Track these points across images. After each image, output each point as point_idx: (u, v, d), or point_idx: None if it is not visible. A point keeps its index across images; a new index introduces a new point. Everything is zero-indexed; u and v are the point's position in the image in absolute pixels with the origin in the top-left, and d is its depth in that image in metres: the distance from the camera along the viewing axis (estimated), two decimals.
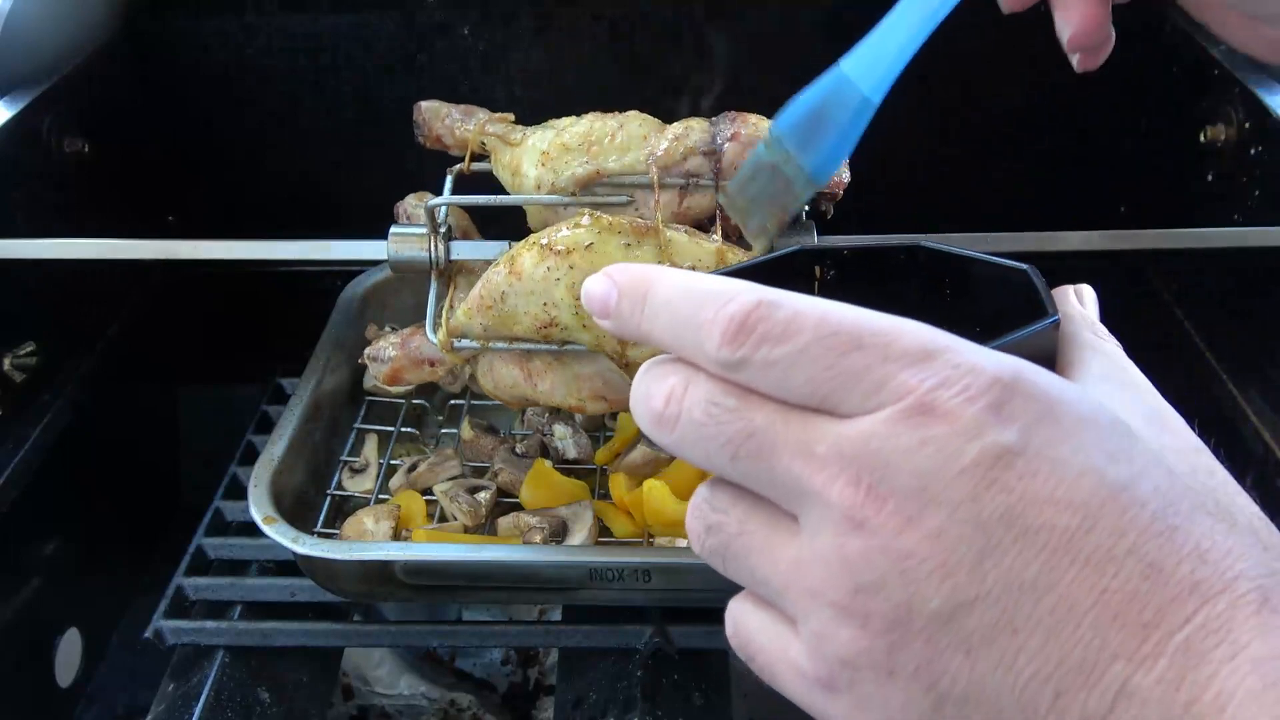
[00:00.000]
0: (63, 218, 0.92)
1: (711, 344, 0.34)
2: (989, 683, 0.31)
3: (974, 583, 0.31)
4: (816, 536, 0.33)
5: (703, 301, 0.35)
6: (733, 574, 0.37)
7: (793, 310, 0.34)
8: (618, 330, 0.39)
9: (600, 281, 0.39)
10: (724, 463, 0.35)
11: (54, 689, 0.88)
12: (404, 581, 0.78)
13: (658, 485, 0.80)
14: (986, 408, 0.32)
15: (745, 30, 1.05)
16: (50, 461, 0.87)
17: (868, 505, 0.32)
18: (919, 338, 0.33)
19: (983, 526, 0.31)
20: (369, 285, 1.02)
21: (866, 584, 0.32)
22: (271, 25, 1.06)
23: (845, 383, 0.33)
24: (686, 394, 0.35)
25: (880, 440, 0.32)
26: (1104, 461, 0.32)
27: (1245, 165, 0.89)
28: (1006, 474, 0.31)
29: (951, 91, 1.08)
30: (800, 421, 0.34)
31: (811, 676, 0.35)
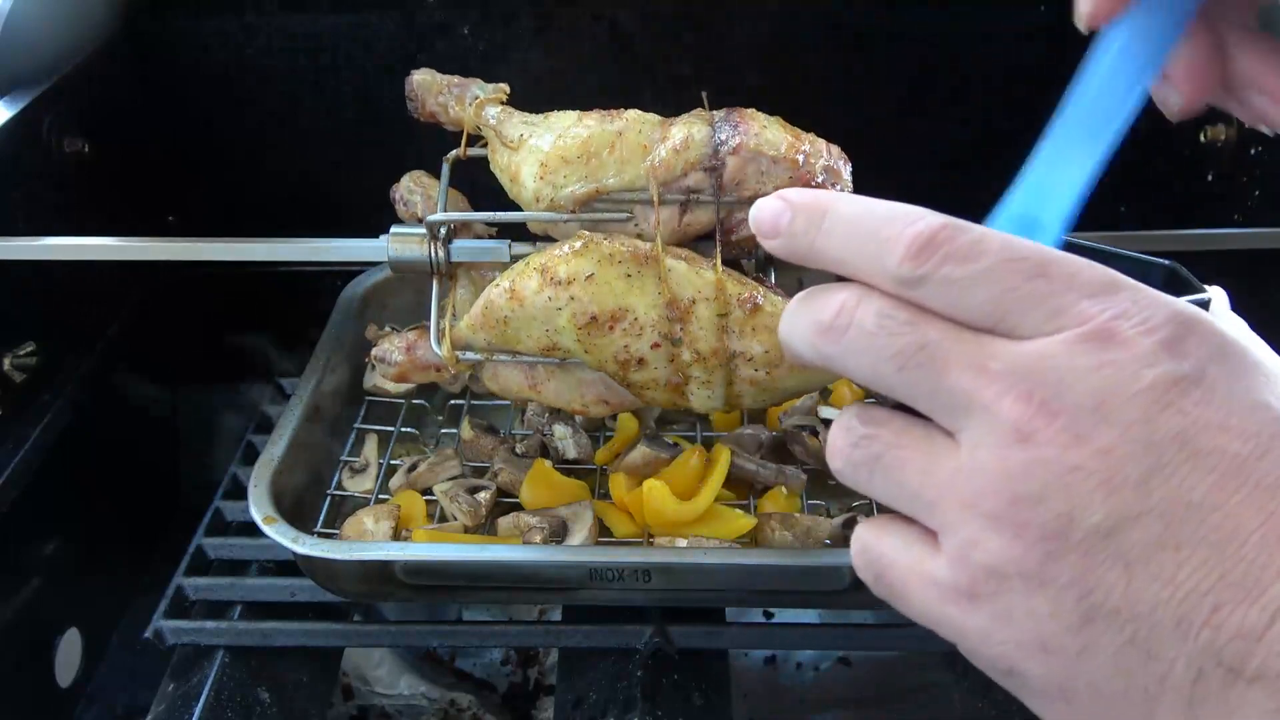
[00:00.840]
0: (63, 218, 0.92)
1: (893, 259, 0.35)
2: (1145, 596, 0.32)
3: (1139, 499, 0.32)
4: (978, 449, 0.34)
5: (887, 218, 0.36)
6: (878, 487, 0.38)
7: (979, 233, 0.35)
8: (787, 248, 0.40)
9: (772, 202, 0.40)
10: (890, 373, 0.36)
11: (54, 689, 0.88)
12: (404, 581, 0.78)
13: (658, 485, 0.80)
14: (1165, 340, 0.33)
15: (746, 30, 1.05)
16: (50, 461, 0.87)
17: (1038, 419, 0.33)
18: (1103, 272, 0.35)
19: (1154, 446, 0.32)
20: (369, 285, 1.02)
21: (1026, 494, 0.33)
22: (271, 25, 1.06)
23: (1026, 305, 0.34)
24: (859, 306, 0.36)
25: (1057, 360, 0.33)
26: (1274, 398, 0.33)
27: (1245, 165, 0.89)
28: (1182, 399, 0.32)
29: (951, 92, 1.09)
30: (974, 339, 0.35)
31: (950, 586, 0.35)
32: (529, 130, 0.73)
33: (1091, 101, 0.46)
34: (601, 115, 0.72)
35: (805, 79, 1.07)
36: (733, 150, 0.68)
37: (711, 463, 0.84)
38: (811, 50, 1.06)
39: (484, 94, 0.77)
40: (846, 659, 1.08)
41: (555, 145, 0.71)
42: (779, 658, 1.07)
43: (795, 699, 1.04)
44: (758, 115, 0.70)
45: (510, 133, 0.74)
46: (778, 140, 0.68)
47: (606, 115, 0.72)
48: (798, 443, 0.88)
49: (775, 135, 0.69)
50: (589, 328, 0.69)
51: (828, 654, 1.07)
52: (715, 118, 0.71)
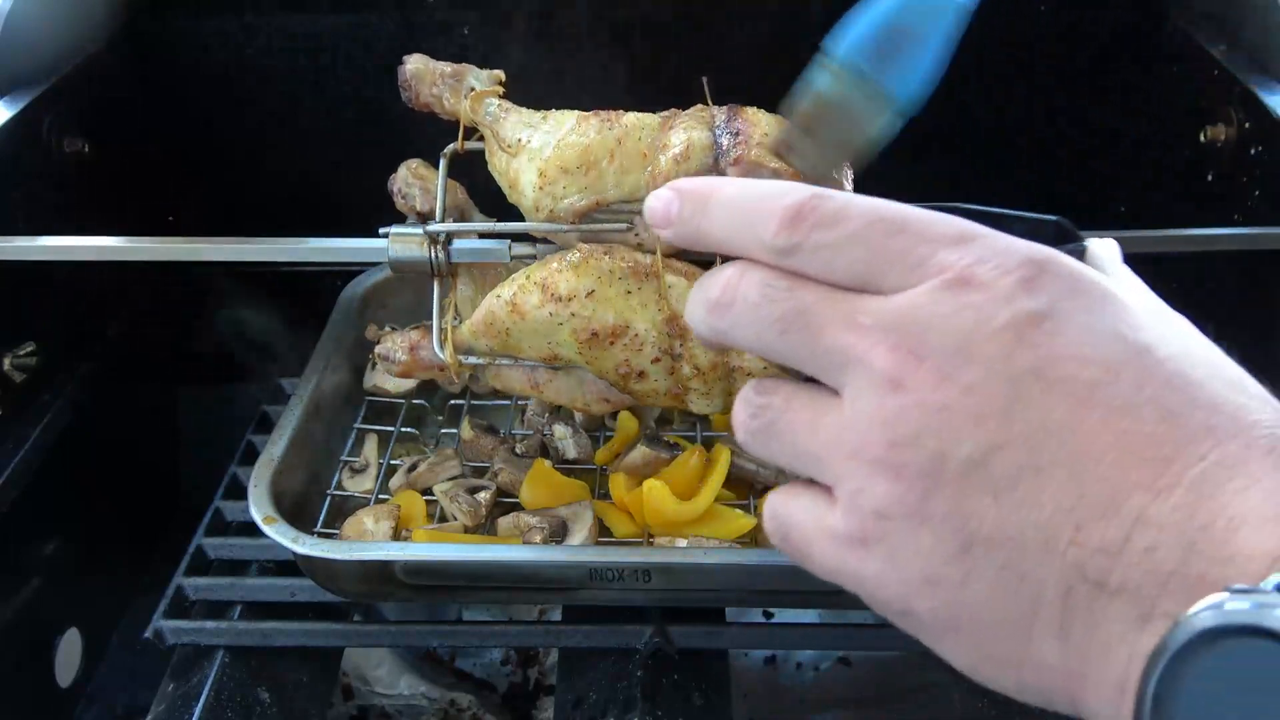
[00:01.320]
0: (63, 218, 0.92)
1: (768, 232, 0.38)
2: (1014, 520, 0.34)
3: (1003, 429, 0.34)
4: (857, 400, 0.36)
5: (761, 197, 0.39)
6: (776, 452, 0.40)
7: (844, 200, 0.37)
8: (678, 235, 0.42)
9: (662, 194, 0.42)
10: (773, 339, 0.38)
11: (54, 689, 0.88)
12: (404, 581, 0.78)
13: (658, 485, 0.80)
14: (1019, 280, 0.35)
15: (747, 31, 1.05)
16: (50, 461, 0.87)
17: (906, 365, 0.35)
18: (957, 224, 0.37)
19: (1013, 379, 0.34)
20: (369, 285, 1.02)
21: (902, 437, 0.35)
22: (271, 25, 1.06)
23: (889, 261, 0.36)
24: (742, 280, 0.39)
25: (920, 309, 0.35)
26: (1126, 329, 0.35)
27: (1245, 165, 0.89)
28: (1035, 333, 0.34)
29: (950, 91, 1.08)
30: (846, 299, 0.37)
31: (845, 535, 0.37)
32: (527, 134, 0.72)
33: None
34: (600, 120, 0.70)
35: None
36: (733, 161, 0.67)
37: (711, 463, 0.84)
38: (812, 49, 1.06)
39: (479, 84, 0.75)
40: (846, 659, 1.08)
41: (554, 154, 0.70)
42: (779, 658, 1.07)
43: (795, 699, 1.04)
44: (759, 118, 0.69)
45: (508, 135, 0.73)
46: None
47: (605, 120, 0.70)
48: None
49: None
50: (590, 342, 0.70)
51: (828, 654, 1.07)
52: (715, 120, 0.70)
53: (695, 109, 0.72)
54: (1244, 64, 0.91)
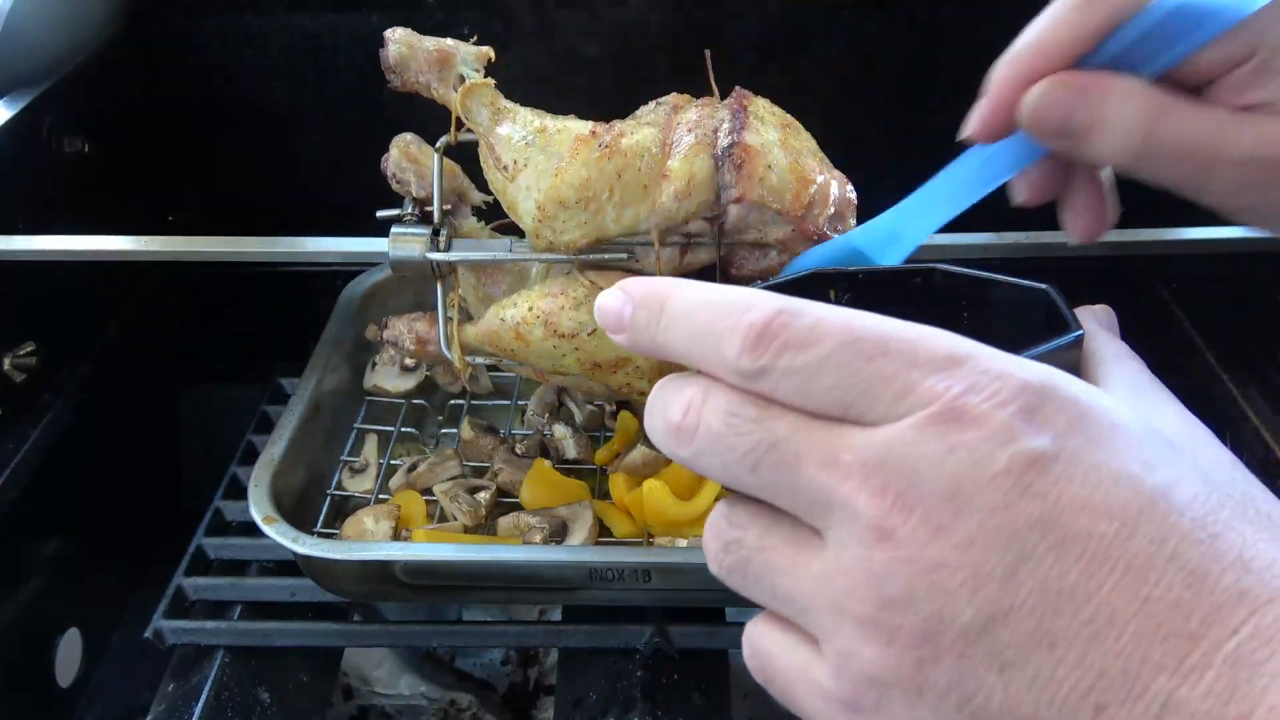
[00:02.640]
0: (63, 217, 0.92)
1: (731, 352, 0.34)
2: (1025, 699, 0.30)
3: (1008, 593, 0.30)
4: (842, 549, 0.32)
5: (722, 310, 0.34)
6: (753, 593, 0.36)
7: (815, 318, 0.33)
8: (632, 343, 0.38)
9: (614, 297, 0.38)
10: (744, 474, 0.34)
11: (54, 689, 0.88)
12: (404, 581, 0.78)
13: (658, 485, 0.80)
14: (1017, 413, 0.31)
15: (748, 31, 1.05)
16: (50, 461, 0.87)
17: (895, 514, 0.31)
18: (946, 344, 0.33)
19: (1016, 535, 0.30)
20: (369, 285, 1.02)
21: (893, 597, 0.31)
22: (271, 25, 1.06)
23: (870, 389, 0.32)
24: (705, 404, 0.35)
25: (907, 447, 0.31)
26: (1140, 468, 0.31)
27: None
28: (1040, 480, 0.30)
29: (949, 90, 1.08)
30: (824, 430, 0.33)
31: (835, 697, 0.33)
32: (523, 157, 0.70)
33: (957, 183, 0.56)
34: (598, 145, 0.68)
35: (806, 76, 1.07)
36: (736, 199, 0.66)
37: None
38: (812, 47, 1.06)
39: (468, 68, 0.73)
40: None
41: (551, 188, 0.68)
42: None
43: None
44: (762, 154, 0.67)
45: (503, 155, 0.71)
46: (782, 190, 0.66)
47: (604, 147, 0.68)
48: None
49: (782, 179, 0.66)
50: (593, 370, 0.72)
51: None
52: (719, 138, 0.67)
53: (696, 107, 0.71)
54: None
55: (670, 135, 0.69)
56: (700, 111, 0.70)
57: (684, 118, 0.70)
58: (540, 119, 0.71)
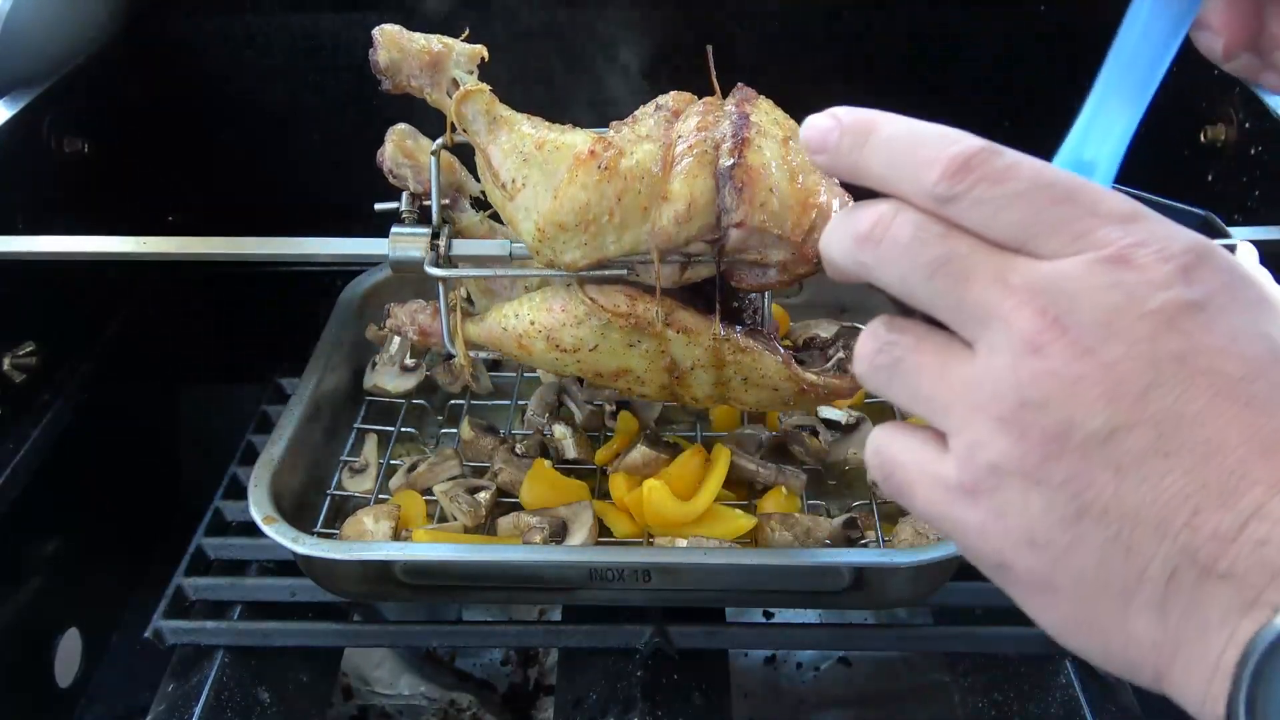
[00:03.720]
0: (63, 217, 0.92)
1: (931, 177, 0.37)
2: (1131, 498, 0.34)
3: (1136, 409, 0.34)
4: (993, 357, 0.36)
5: (928, 140, 0.38)
6: (894, 391, 0.40)
7: (1014, 158, 0.37)
8: (830, 165, 0.42)
9: (824, 121, 0.42)
10: (919, 282, 0.38)
11: (54, 689, 0.88)
12: (404, 581, 0.78)
13: (658, 485, 0.80)
14: (1178, 268, 0.35)
15: (748, 31, 1.05)
16: (50, 461, 0.87)
17: (1050, 332, 0.35)
18: (1126, 202, 0.37)
19: (1156, 363, 0.34)
20: (369, 285, 1.02)
21: (1032, 400, 0.35)
22: (271, 25, 1.06)
23: (1051, 227, 0.36)
24: (896, 218, 0.38)
25: (1074, 280, 0.35)
26: (1275, 330, 0.35)
27: (1245, 165, 0.89)
28: (1187, 322, 0.34)
29: (949, 91, 1.09)
30: (1000, 255, 0.37)
31: (955, 483, 0.37)
32: (522, 174, 0.69)
33: (1132, 51, 0.48)
34: (599, 169, 0.67)
35: (806, 75, 1.07)
36: (737, 224, 0.66)
37: (711, 463, 0.84)
38: (812, 45, 1.06)
39: (460, 72, 0.71)
40: (846, 659, 1.08)
41: (551, 210, 0.68)
42: (779, 658, 1.07)
43: (795, 699, 1.04)
44: (764, 176, 0.66)
45: (502, 171, 0.70)
46: (783, 215, 0.66)
47: (604, 170, 0.67)
48: (798, 443, 0.88)
49: (783, 204, 0.66)
50: (594, 378, 0.74)
51: (828, 654, 1.07)
52: (720, 166, 0.66)
53: (696, 113, 0.70)
54: None
55: (670, 152, 0.67)
56: (701, 119, 0.69)
57: (684, 128, 0.69)
58: (538, 131, 0.70)
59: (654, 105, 0.73)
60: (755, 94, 0.72)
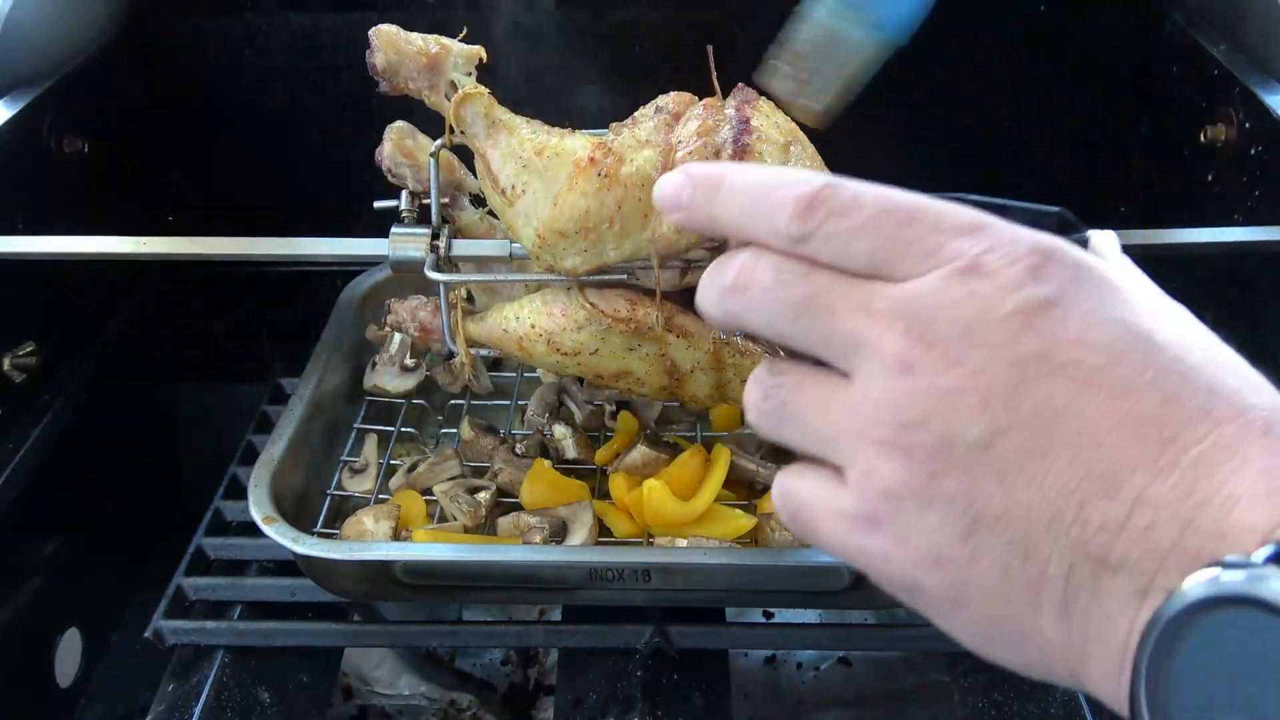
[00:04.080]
0: (63, 217, 0.92)
1: (783, 219, 0.38)
2: (1019, 500, 0.35)
3: (1009, 412, 0.35)
4: (868, 382, 0.37)
5: (775, 184, 0.39)
6: (787, 434, 0.41)
7: (856, 189, 0.38)
8: (688, 220, 0.43)
9: (675, 180, 0.43)
10: (787, 322, 0.39)
11: (54, 689, 0.88)
12: (404, 581, 0.78)
13: (658, 485, 0.80)
14: (1027, 269, 0.36)
15: (748, 31, 1.05)
16: (50, 461, 0.87)
17: (916, 350, 0.36)
18: (969, 214, 0.38)
19: (1019, 364, 0.35)
20: (369, 285, 1.02)
21: (911, 420, 0.36)
22: (271, 25, 1.06)
23: (901, 250, 0.37)
24: (757, 265, 0.40)
25: (931, 296, 0.36)
26: (1128, 315, 0.36)
27: (1245, 165, 0.89)
28: (1042, 319, 0.35)
29: (950, 91, 1.09)
30: (859, 285, 0.38)
31: (854, 514, 0.38)
32: (521, 180, 0.69)
33: None
34: (599, 176, 0.67)
35: None
36: None
37: (711, 463, 0.84)
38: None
39: (459, 75, 0.70)
40: (846, 659, 1.08)
41: (550, 218, 0.68)
42: (779, 658, 1.07)
43: (795, 699, 1.04)
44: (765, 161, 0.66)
45: (502, 179, 0.69)
46: None
47: (603, 177, 0.67)
48: None
49: None
50: (595, 379, 0.75)
51: (828, 654, 1.07)
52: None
53: (697, 117, 0.70)
54: (1244, 64, 0.91)
55: (670, 157, 0.68)
56: (700, 123, 0.69)
57: (684, 132, 0.69)
58: (537, 135, 0.69)
59: (654, 107, 0.73)
60: (756, 95, 0.72)
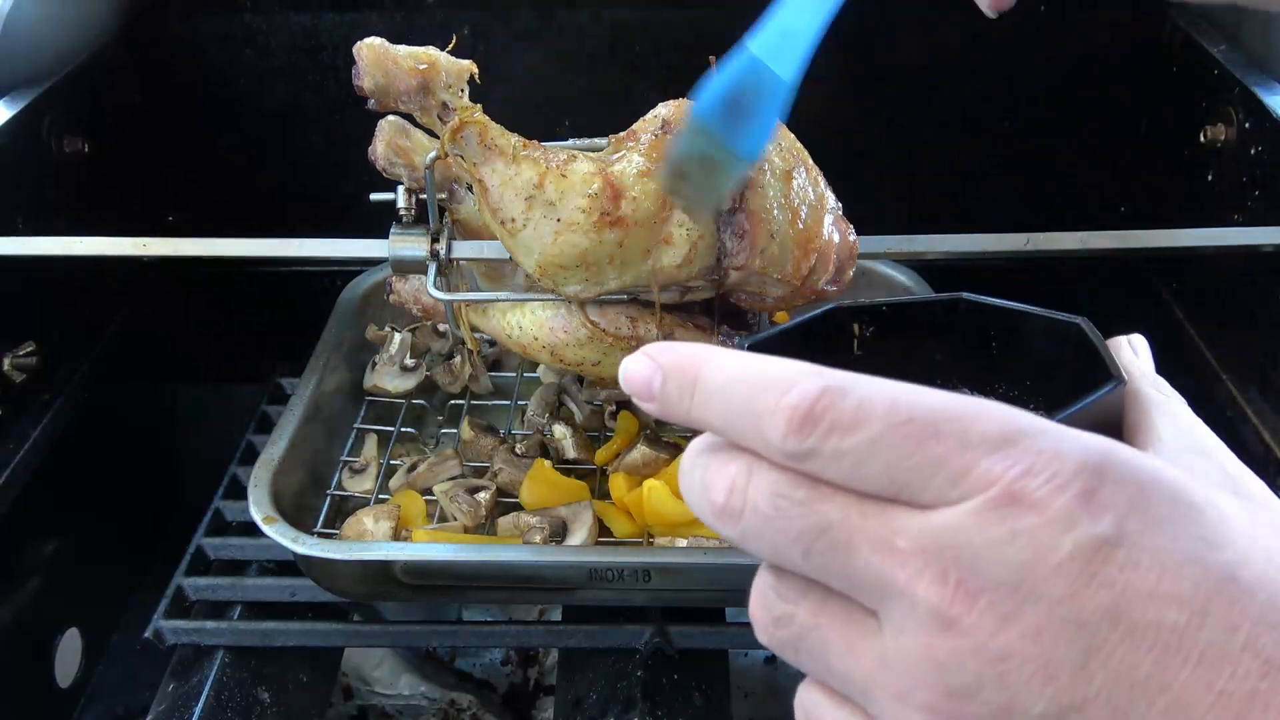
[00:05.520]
0: (63, 217, 0.92)
1: (775, 434, 0.32)
2: None
3: (1080, 685, 0.30)
4: (901, 635, 0.32)
5: (761, 388, 0.33)
6: (807, 668, 0.35)
7: (860, 397, 0.32)
8: (663, 414, 0.36)
9: (641, 364, 0.36)
10: (796, 558, 0.33)
11: (54, 689, 0.88)
12: (404, 581, 0.78)
13: (658, 485, 0.80)
14: (1077, 496, 0.30)
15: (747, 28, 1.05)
16: (50, 461, 0.87)
17: (958, 603, 0.30)
18: (998, 421, 0.32)
19: (1085, 625, 0.30)
20: (369, 285, 1.02)
21: (960, 687, 0.31)
22: (271, 25, 1.06)
23: (924, 473, 0.31)
24: (750, 485, 0.33)
25: (967, 534, 0.31)
26: (1204, 549, 0.31)
27: (1245, 165, 0.89)
28: (1106, 567, 0.30)
29: (950, 91, 1.08)
30: (877, 513, 0.32)
31: None
32: (522, 215, 0.68)
33: None
34: (600, 215, 0.66)
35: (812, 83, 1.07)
36: (738, 267, 0.67)
37: None
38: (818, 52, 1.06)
39: (450, 96, 0.68)
40: None
41: (552, 252, 0.68)
42: (779, 658, 1.07)
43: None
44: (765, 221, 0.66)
45: (501, 210, 0.68)
46: (784, 260, 0.67)
47: (604, 216, 0.66)
48: None
49: (783, 249, 0.67)
50: (598, 380, 0.79)
51: None
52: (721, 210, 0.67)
53: None
54: (1244, 64, 0.91)
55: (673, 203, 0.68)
56: None
57: None
58: (536, 167, 0.68)
59: (655, 120, 0.71)
60: None
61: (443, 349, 1.00)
